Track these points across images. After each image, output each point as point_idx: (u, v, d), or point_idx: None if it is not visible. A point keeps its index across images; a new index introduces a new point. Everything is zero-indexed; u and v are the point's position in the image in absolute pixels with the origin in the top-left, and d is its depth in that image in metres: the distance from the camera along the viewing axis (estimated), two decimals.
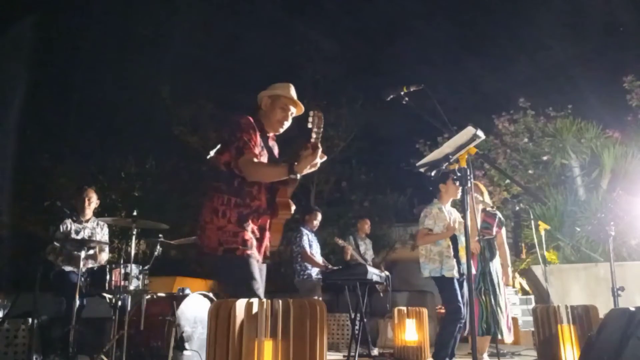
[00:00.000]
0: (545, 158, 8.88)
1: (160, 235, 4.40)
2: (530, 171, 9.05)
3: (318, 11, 15.28)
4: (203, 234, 2.47)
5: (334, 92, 10.98)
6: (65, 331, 3.85)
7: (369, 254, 6.84)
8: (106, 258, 4.68)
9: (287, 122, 2.66)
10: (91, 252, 4.37)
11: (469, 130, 2.34)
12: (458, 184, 2.40)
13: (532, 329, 5.47)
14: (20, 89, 10.19)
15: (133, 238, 3.93)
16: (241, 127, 2.47)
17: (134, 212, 4.01)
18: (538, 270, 6.49)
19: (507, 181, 8.62)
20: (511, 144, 9.29)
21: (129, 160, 11.01)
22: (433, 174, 2.53)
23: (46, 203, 9.49)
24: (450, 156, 2.46)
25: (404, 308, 5.56)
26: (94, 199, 4.65)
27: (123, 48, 12.66)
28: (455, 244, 4.22)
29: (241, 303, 1.93)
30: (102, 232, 4.67)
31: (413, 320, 5.37)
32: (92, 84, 12.17)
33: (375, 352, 5.70)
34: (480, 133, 2.35)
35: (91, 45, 12.72)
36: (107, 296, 3.93)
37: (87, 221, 4.58)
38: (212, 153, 2.59)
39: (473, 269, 4.62)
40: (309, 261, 5.49)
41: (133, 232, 3.92)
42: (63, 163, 10.91)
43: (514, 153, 9.27)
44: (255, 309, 1.93)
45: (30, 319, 3.98)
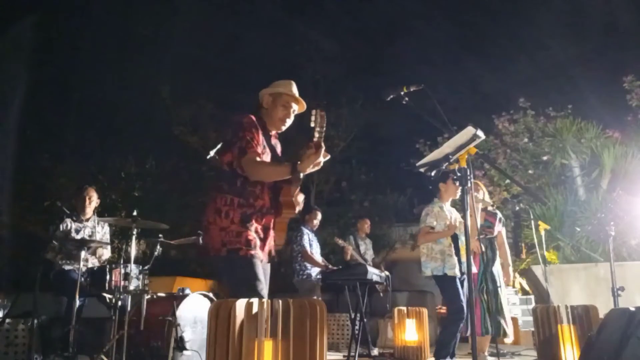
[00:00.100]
0: (545, 158, 8.88)
1: (160, 235, 4.39)
2: (530, 171, 9.04)
3: (318, 11, 15.30)
4: (206, 235, 2.46)
5: (334, 92, 10.97)
6: (65, 331, 3.85)
7: (369, 254, 6.84)
8: (108, 255, 4.68)
9: (290, 120, 2.64)
10: (91, 247, 4.37)
11: (469, 130, 2.34)
12: (458, 184, 2.40)
13: (532, 329, 5.47)
14: (20, 89, 10.18)
15: (133, 238, 3.92)
16: (243, 127, 2.45)
17: (134, 212, 3.99)
18: (538, 270, 6.48)
19: (507, 181, 8.62)
20: (511, 144, 9.29)
21: (129, 160, 10.98)
22: (433, 174, 2.53)
23: (46, 203, 9.51)
24: (450, 156, 2.46)
25: (404, 308, 5.56)
26: (95, 198, 4.66)
27: (123, 48, 12.68)
28: (456, 243, 4.22)
29: (241, 303, 1.93)
30: (103, 231, 4.67)
31: (413, 320, 5.37)
32: (92, 84, 12.16)
33: (375, 352, 5.70)
34: (480, 133, 2.35)
35: (91, 45, 12.75)
36: (107, 296, 3.93)
37: (88, 220, 4.58)
38: (212, 153, 2.58)
39: (475, 268, 4.62)
40: (309, 260, 5.49)
41: (133, 232, 3.91)
42: (63, 163, 10.87)
43: (514, 153, 9.26)
44: (255, 309, 1.93)
45: (30, 319, 3.98)
